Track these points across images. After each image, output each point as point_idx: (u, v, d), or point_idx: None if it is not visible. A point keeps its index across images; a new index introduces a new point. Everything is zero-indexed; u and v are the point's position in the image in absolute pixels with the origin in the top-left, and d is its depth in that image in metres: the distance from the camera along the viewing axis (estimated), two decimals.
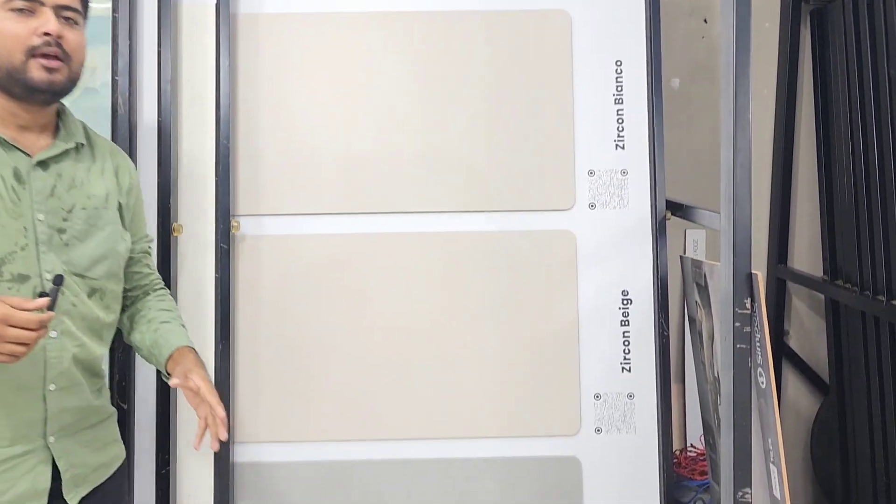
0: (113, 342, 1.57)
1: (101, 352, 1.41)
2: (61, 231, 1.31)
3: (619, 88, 1.90)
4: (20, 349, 1.16)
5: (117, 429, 1.49)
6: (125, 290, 1.46)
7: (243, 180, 1.81)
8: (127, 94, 1.70)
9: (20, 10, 1.24)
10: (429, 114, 1.88)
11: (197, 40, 1.81)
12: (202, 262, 1.81)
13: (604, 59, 1.90)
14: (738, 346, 1.51)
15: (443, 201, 1.89)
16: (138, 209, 1.51)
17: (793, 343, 2.67)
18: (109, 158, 1.44)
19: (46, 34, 1.24)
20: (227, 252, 1.75)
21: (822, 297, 2.50)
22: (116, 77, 1.69)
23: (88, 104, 1.74)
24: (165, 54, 1.75)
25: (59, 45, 1.26)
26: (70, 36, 1.28)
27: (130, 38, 1.72)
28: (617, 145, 1.90)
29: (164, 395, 1.73)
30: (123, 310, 1.49)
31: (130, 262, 1.48)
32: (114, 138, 1.70)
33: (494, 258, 1.88)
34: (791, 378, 2.68)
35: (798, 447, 2.66)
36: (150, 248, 1.57)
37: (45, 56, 1.25)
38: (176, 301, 1.78)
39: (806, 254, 2.63)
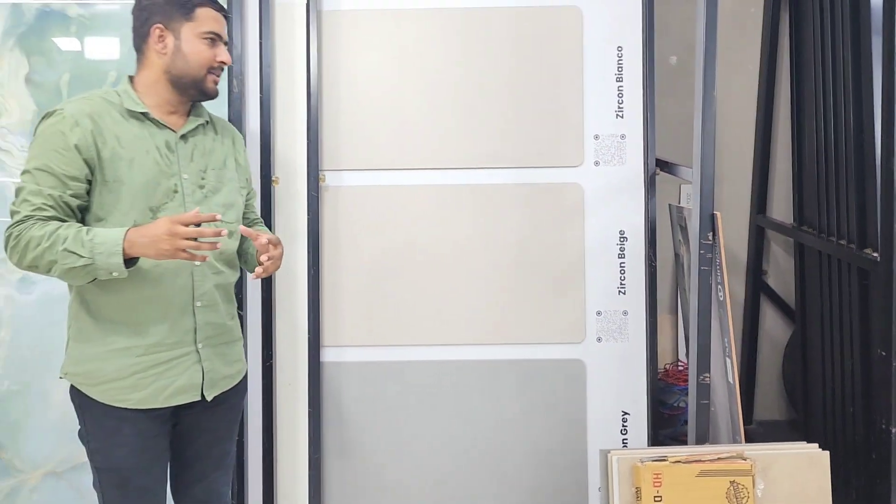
0: None
1: (233, 278, 1.81)
2: (201, 186, 1.71)
3: (620, 69, 2.37)
4: (195, 244, 1.51)
5: (243, 352, 1.86)
6: None
7: (327, 142, 2.33)
8: (240, 76, 2.22)
9: (211, 40, 1.70)
10: (467, 91, 2.37)
11: (288, 33, 2.31)
12: (292, 206, 2.33)
13: (608, 45, 2.36)
14: (702, 267, 2.02)
15: (478, 159, 2.38)
16: (247, 165, 1.90)
17: (770, 281, 3.16)
18: (226, 131, 1.85)
19: (222, 62, 1.72)
20: (316, 199, 2.28)
21: (792, 240, 2.98)
22: (232, 64, 2.20)
23: None
24: (266, 44, 2.25)
25: (223, 67, 1.74)
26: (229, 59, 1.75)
27: (241, 34, 2.24)
28: (617, 115, 2.38)
29: (268, 306, 2.28)
30: None
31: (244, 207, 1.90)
32: (229, 112, 2.21)
33: (519, 204, 2.38)
34: (768, 311, 3.18)
35: (773, 367, 3.17)
36: (253, 194, 1.97)
37: (216, 74, 1.73)
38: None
39: (784, 206, 3.11)
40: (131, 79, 1.73)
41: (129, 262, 1.56)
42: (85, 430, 1.70)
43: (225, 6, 2.18)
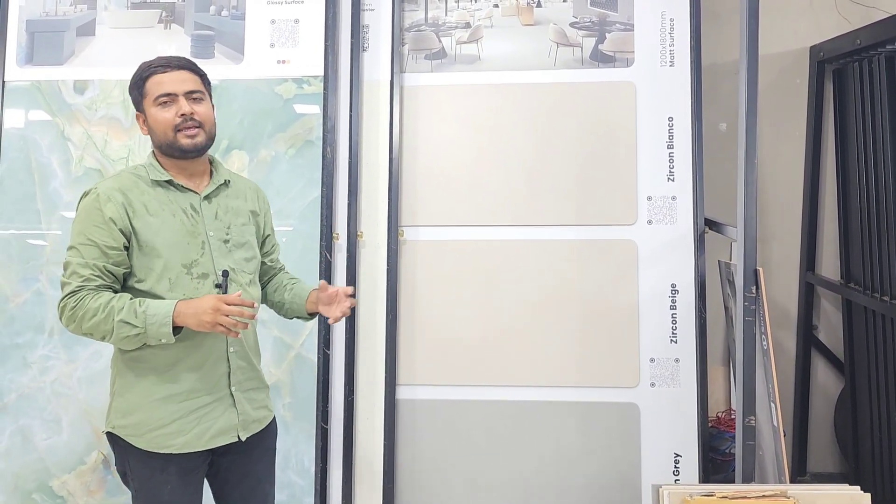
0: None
1: (256, 324, 1.93)
2: (226, 241, 1.84)
3: (671, 137, 2.61)
4: (233, 321, 1.65)
5: (269, 398, 1.96)
6: (261, 277, 2.02)
7: (406, 201, 2.63)
8: (333, 144, 2.54)
9: (164, 103, 1.77)
10: (533, 156, 2.64)
11: (374, 106, 2.63)
12: (374, 258, 2.61)
13: (660, 116, 2.61)
14: (746, 318, 2.20)
15: (542, 217, 2.63)
16: (270, 221, 2.02)
17: (821, 336, 3.28)
18: (248, 190, 1.95)
19: (183, 115, 1.76)
20: (395, 251, 2.56)
21: (840, 297, 3.12)
22: (326, 133, 2.53)
23: (309, 152, 2.59)
24: (355, 116, 2.58)
25: (192, 118, 1.77)
26: (199, 109, 1.79)
27: (334, 107, 2.56)
28: (668, 178, 2.61)
29: (351, 347, 2.54)
30: (262, 288, 2.01)
31: (266, 265, 2.02)
32: (323, 174, 2.53)
33: (578, 258, 2.61)
34: (820, 365, 3.28)
35: (826, 420, 3.26)
36: (278, 251, 2.08)
37: (185, 130, 1.77)
38: (357, 285, 2.60)
39: (832, 264, 3.25)
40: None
41: (176, 329, 1.70)
42: (129, 473, 1.81)
43: (324, 82, 2.53)
